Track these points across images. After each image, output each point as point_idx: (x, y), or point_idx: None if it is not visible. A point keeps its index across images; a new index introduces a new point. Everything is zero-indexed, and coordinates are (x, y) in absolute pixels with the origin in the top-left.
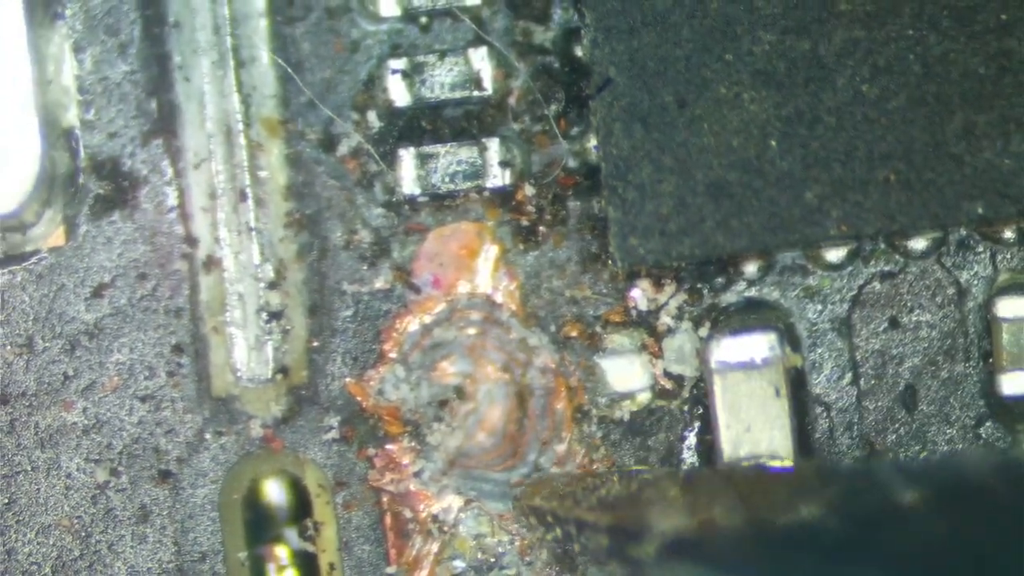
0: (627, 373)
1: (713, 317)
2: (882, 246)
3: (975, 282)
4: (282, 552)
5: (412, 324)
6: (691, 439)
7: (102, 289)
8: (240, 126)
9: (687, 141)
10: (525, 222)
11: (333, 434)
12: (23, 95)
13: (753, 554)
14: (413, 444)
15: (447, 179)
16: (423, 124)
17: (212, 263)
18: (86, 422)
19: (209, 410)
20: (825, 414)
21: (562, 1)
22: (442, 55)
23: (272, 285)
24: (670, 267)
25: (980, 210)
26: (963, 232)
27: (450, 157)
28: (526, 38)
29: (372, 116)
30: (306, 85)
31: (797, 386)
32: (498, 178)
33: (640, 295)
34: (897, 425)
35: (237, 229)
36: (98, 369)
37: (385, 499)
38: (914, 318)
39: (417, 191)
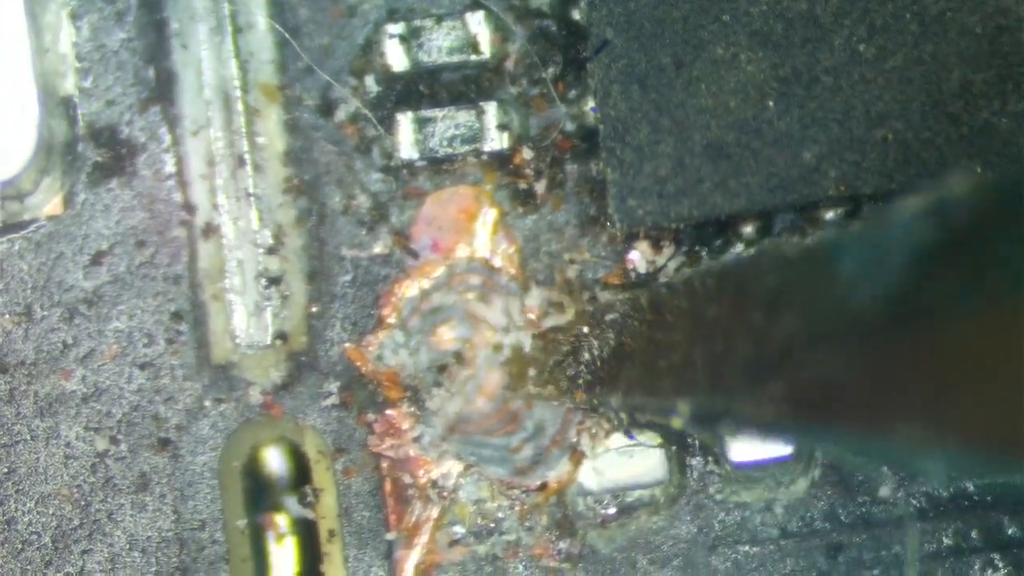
0: None
1: None
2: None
3: None
4: (282, 519)
5: (411, 289)
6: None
7: (100, 257)
8: (238, 92)
9: (685, 102)
10: (523, 185)
11: (332, 400)
12: (20, 63)
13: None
14: (412, 409)
15: (445, 143)
16: (421, 88)
17: (211, 230)
18: (85, 390)
19: (208, 377)
20: None
21: None
22: (439, 19)
23: (271, 251)
24: (668, 229)
25: (978, 169)
26: None
27: (448, 121)
28: (523, 1)
29: (370, 81)
30: (304, 51)
31: None
32: (496, 141)
33: (638, 257)
34: None
35: (236, 195)
36: (97, 337)
37: (385, 465)
38: None
39: (415, 155)
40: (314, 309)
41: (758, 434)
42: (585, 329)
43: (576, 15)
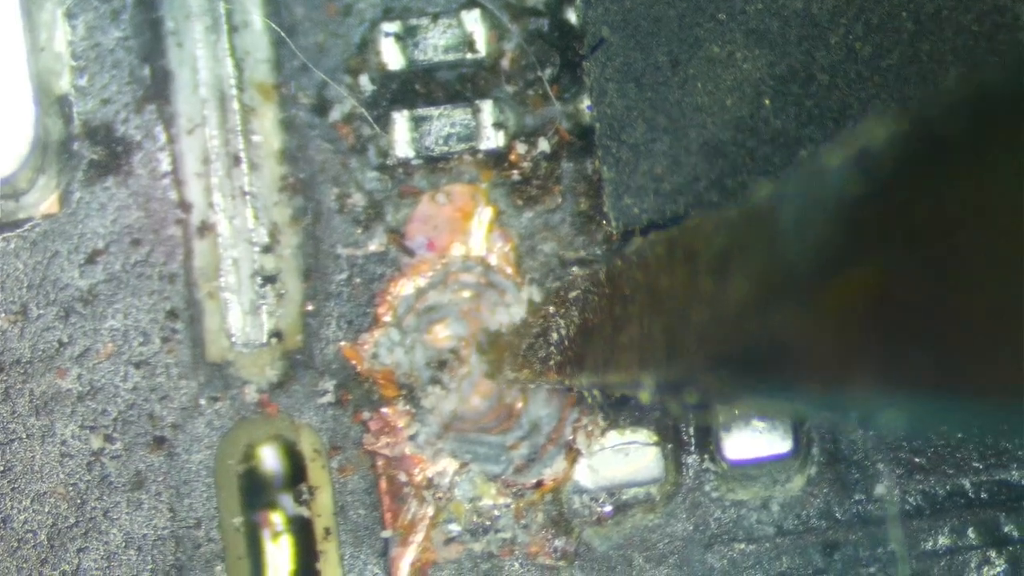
0: None
1: None
2: None
3: None
4: (277, 517)
5: (406, 287)
6: None
7: (96, 255)
8: (233, 91)
9: (681, 100)
10: (518, 177)
11: (328, 398)
12: (16, 62)
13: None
14: (408, 408)
15: (441, 141)
16: (416, 87)
17: (206, 228)
18: (80, 389)
19: (204, 375)
20: None
21: None
22: (435, 18)
23: (266, 249)
24: (664, 227)
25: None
26: None
27: (444, 120)
28: (519, 0)
29: (365, 80)
30: (299, 49)
31: None
32: (492, 140)
33: None
34: None
35: (231, 194)
36: (92, 335)
37: (380, 463)
38: None
39: (411, 154)
40: (310, 307)
41: (721, 398)
42: (551, 309)
43: (572, 14)
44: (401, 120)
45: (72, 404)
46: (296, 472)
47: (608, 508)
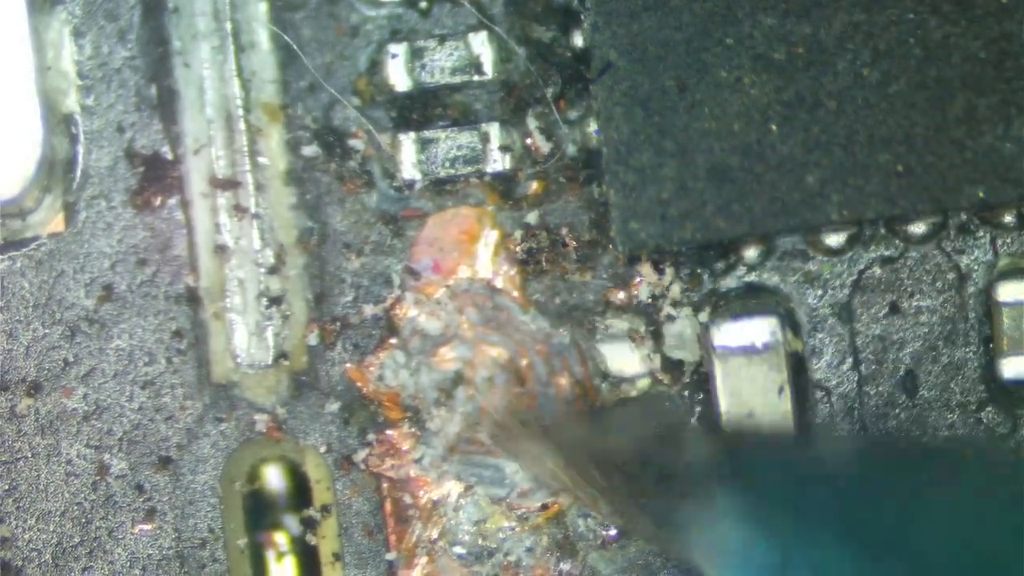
0: (628, 358)
1: (713, 302)
2: (882, 231)
3: (975, 267)
4: (281, 538)
5: (412, 310)
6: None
7: (102, 275)
8: (240, 111)
9: (688, 125)
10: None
11: (333, 420)
12: (23, 81)
13: None
14: (413, 430)
15: (447, 164)
16: (423, 109)
17: (212, 249)
18: (86, 408)
19: (209, 396)
20: (826, 399)
21: None
22: (442, 40)
23: (272, 270)
24: (670, 252)
25: (981, 194)
26: (963, 216)
27: (450, 142)
28: (526, 22)
29: (372, 101)
30: (306, 70)
31: (797, 371)
32: (498, 163)
33: (642, 281)
34: (898, 411)
35: (237, 214)
36: (98, 355)
37: (385, 485)
38: (914, 303)
39: (417, 176)
40: (315, 329)
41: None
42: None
43: (579, 37)
44: (407, 142)
45: (78, 423)
46: (301, 493)
47: (613, 531)
